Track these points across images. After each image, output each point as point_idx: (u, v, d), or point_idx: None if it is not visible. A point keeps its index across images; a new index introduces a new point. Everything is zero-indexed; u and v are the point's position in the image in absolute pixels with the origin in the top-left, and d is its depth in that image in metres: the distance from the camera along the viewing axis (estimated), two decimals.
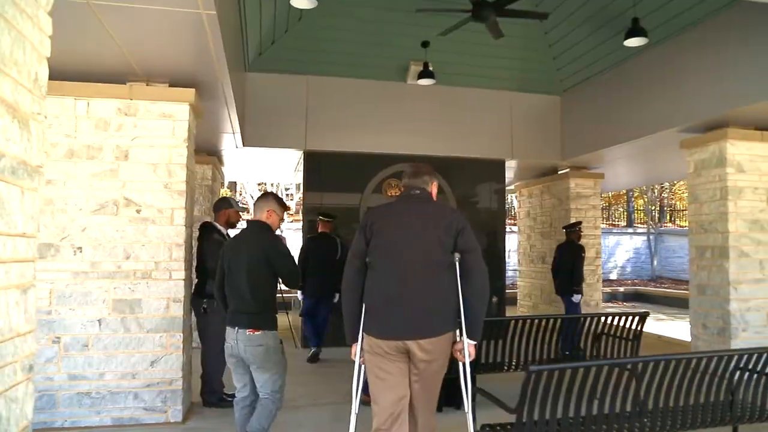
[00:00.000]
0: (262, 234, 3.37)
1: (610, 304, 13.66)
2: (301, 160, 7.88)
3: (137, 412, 4.16)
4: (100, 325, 4.12)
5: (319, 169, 7.69)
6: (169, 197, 4.27)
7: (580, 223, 7.91)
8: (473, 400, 2.94)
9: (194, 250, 4.73)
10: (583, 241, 8.99)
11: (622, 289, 14.65)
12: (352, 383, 2.72)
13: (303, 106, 7.50)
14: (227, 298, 3.36)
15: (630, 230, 18.75)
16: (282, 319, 3.71)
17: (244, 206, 5.04)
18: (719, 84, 5.73)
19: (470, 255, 2.66)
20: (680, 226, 19.70)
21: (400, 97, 7.89)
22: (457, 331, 2.67)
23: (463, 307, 2.64)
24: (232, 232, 4.38)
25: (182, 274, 4.27)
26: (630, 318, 4.71)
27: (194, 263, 4.71)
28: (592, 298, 9.09)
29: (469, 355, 2.62)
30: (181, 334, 4.25)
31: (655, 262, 17.03)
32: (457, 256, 2.64)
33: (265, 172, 10.02)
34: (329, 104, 7.59)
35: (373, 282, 2.69)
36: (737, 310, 5.75)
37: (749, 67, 5.34)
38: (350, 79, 7.68)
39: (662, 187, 19.24)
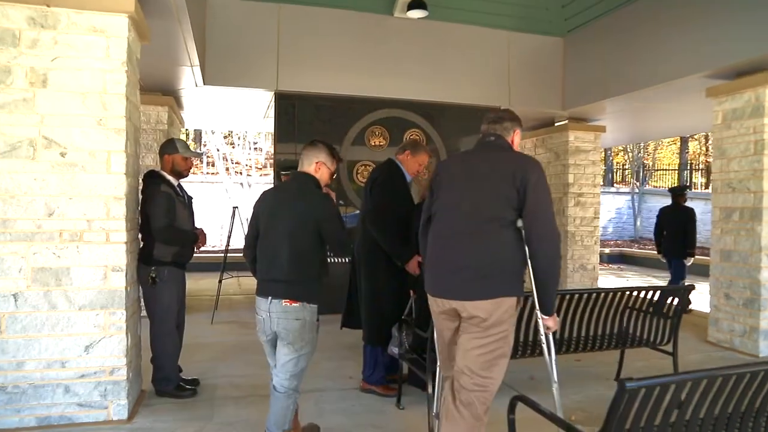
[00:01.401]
0: (309, 190, 2.90)
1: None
2: (272, 104, 6.86)
3: (69, 409, 3.29)
4: (15, 300, 3.19)
5: (293, 114, 6.70)
6: (103, 137, 3.28)
7: (688, 186, 7.36)
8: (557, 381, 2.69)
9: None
10: (581, 200, 8.33)
11: (607, 250, 14.18)
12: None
13: (274, 40, 6.44)
14: (257, 262, 2.91)
15: (613, 189, 18.26)
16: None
17: (196, 152, 4.06)
18: (756, 21, 4.94)
19: (531, 217, 2.35)
20: (658, 187, 19.42)
21: (387, 32, 6.89)
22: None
23: (532, 276, 2.44)
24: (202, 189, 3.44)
25: (123, 236, 3.34)
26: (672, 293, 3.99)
27: (140, 221, 3.77)
28: (589, 262, 8.48)
29: (547, 329, 2.54)
30: (124, 312, 3.35)
31: (638, 223, 16.65)
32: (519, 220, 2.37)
33: (231, 118, 8.92)
34: (305, 38, 6.55)
35: (429, 237, 2.61)
36: None
37: None
38: (329, 9, 6.63)
39: (642, 146, 18.76)
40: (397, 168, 3.96)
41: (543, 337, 2.59)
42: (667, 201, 8.12)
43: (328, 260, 2.99)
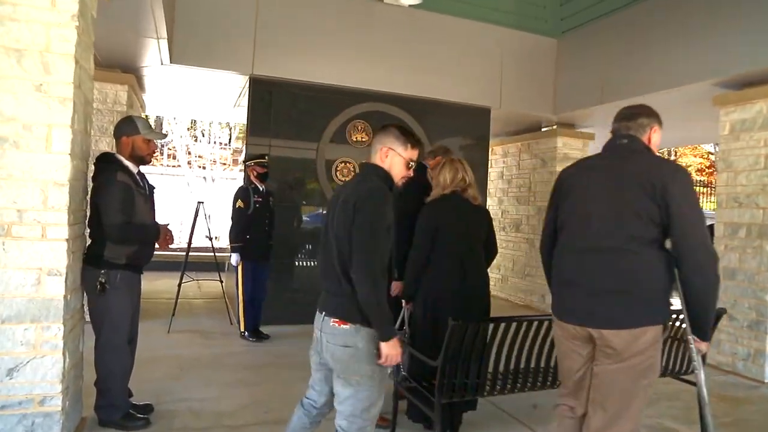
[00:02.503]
0: (363, 183, 2.23)
1: None
2: (246, 90, 6.21)
3: None
4: None
5: (269, 102, 6.07)
6: (44, 106, 2.62)
7: None
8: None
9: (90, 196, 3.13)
10: None
11: None
12: None
13: (252, 18, 5.81)
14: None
15: None
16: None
17: (160, 133, 3.42)
18: None
19: (681, 241, 2.06)
20: None
21: (374, 19, 6.36)
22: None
23: (683, 301, 2.15)
24: (159, 176, 2.81)
25: (64, 231, 2.68)
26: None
27: (88, 215, 3.12)
28: None
29: (698, 352, 2.23)
30: (61, 326, 2.69)
31: None
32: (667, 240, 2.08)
33: (198, 105, 8.18)
34: (285, 20, 5.95)
35: (556, 251, 2.35)
36: None
37: None
38: None
39: None
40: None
41: (695, 356, 2.25)
42: None
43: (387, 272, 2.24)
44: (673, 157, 22.90)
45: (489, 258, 3.45)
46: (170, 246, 3.41)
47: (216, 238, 6.48)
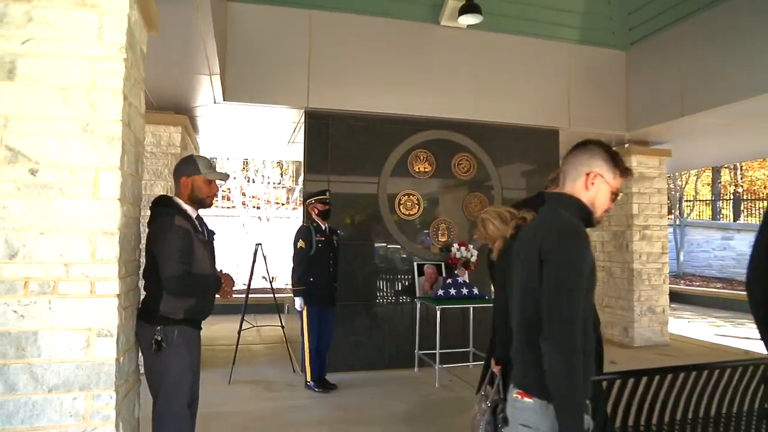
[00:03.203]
0: (554, 221, 1.74)
1: None
2: (301, 125, 5.99)
3: None
4: None
5: (326, 136, 5.81)
6: (90, 148, 2.37)
7: None
8: None
9: (144, 243, 2.86)
10: (648, 233, 7.31)
11: None
12: None
13: (305, 50, 5.61)
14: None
15: None
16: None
17: (223, 174, 3.11)
18: None
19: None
20: (700, 218, 18.09)
21: (431, 43, 6.05)
22: None
23: None
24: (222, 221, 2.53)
25: (115, 286, 2.39)
26: None
27: (142, 266, 2.83)
28: (658, 304, 7.39)
29: None
30: (113, 393, 2.37)
31: (681, 258, 15.45)
32: None
33: (252, 143, 8.07)
34: (339, 49, 5.72)
35: None
36: None
37: None
38: (367, 16, 5.83)
39: (682, 174, 17.64)
40: None
41: None
42: (711, 234, 7.01)
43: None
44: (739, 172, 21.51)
45: None
46: (232, 296, 3.09)
47: (273, 279, 6.18)
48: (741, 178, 21.92)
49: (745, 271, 1.77)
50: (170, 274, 2.67)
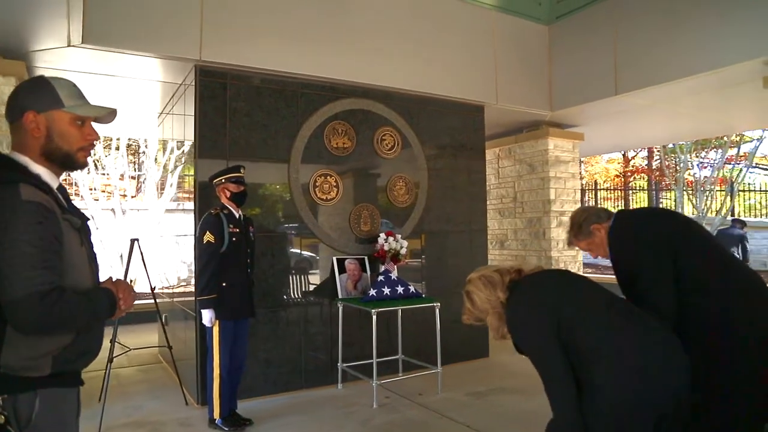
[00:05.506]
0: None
1: None
2: (192, 85, 4.61)
3: None
4: None
5: (224, 100, 4.54)
6: None
7: None
8: None
9: None
10: (564, 220, 7.01)
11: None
12: None
13: None
14: None
15: None
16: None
17: (105, 107, 1.77)
18: None
19: None
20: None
21: (355, 0, 5.06)
22: None
23: None
24: None
25: None
26: None
27: None
28: None
29: None
30: None
31: None
32: None
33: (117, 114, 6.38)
34: None
35: None
36: None
37: None
38: None
39: None
40: None
41: None
42: None
43: None
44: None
45: None
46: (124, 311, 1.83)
47: (153, 288, 4.80)
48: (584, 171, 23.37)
49: None
50: (21, 293, 1.40)
